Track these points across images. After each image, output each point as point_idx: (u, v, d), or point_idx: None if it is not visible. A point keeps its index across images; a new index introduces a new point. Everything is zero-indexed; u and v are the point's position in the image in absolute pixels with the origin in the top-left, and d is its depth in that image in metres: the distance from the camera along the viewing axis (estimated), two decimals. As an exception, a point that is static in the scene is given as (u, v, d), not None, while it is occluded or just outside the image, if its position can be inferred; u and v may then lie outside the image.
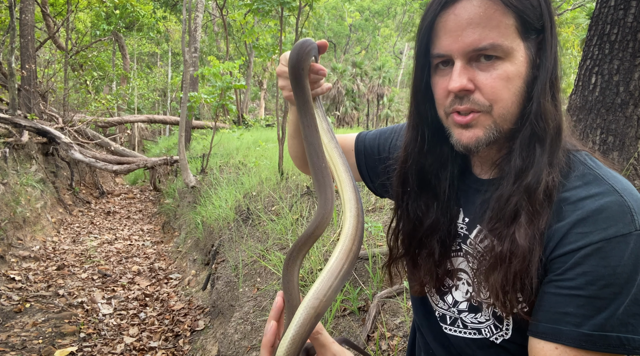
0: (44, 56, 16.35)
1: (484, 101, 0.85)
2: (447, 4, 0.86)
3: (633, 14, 3.00)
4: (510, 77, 0.85)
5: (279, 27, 6.48)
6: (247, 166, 6.95)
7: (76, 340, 3.87)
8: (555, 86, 0.89)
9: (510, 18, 0.84)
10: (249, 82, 21.04)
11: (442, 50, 0.87)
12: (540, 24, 0.86)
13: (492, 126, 0.87)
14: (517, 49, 0.85)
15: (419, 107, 0.99)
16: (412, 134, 1.02)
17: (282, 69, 1.00)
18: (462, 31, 0.83)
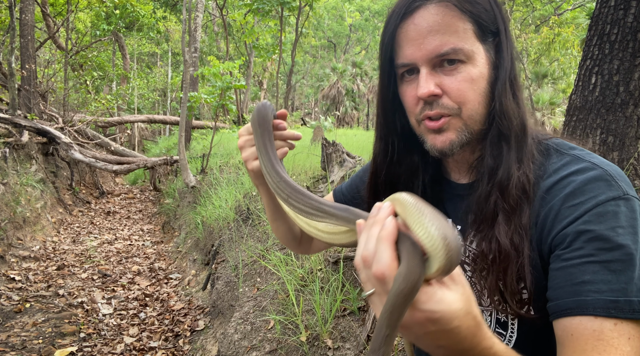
0: (44, 56, 16.36)
1: (452, 104, 0.88)
2: (406, 15, 0.90)
3: (633, 14, 3.00)
4: (474, 79, 0.88)
5: (279, 27, 6.48)
6: (247, 166, 6.94)
7: (76, 340, 3.87)
8: (515, 85, 0.92)
9: (467, 23, 0.88)
10: (249, 82, 21.04)
11: (406, 59, 0.90)
12: (495, 27, 0.91)
13: (463, 128, 0.90)
14: (477, 52, 0.88)
15: (387, 117, 1.02)
16: (381, 145, 1.04)
17: (244, 139, 1.01)
18: (423, 39, 0.87)
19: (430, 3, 0.88)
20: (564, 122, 3.41)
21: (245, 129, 1.01)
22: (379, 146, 1.05)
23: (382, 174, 1.04)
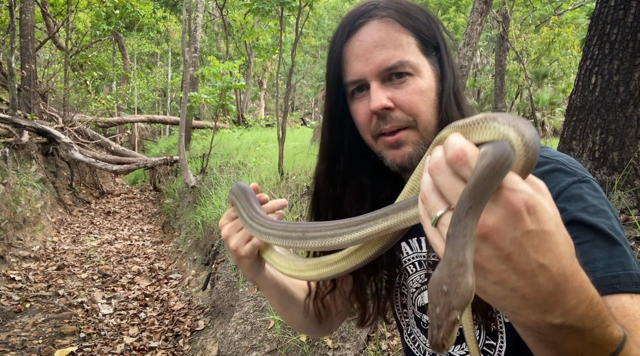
0: (44, 56, 16.36)
1: (405, 116, 0.90)
2: (351, 33, 0.92)
3: (633, 14, 3.00)
4: (423, 91, 0.90)
5: (279, 27, 6.48)
6: (247, 166, 6.95)
7: (76, 340, 3.87)
8: (459, 96, 0.95)
9: (410, 37, 0.91)
10: (249, 82, 21.04)
11: (355, 76, 0.91)
12: (436, 42, 0.94)
13: (420, 141, 0.91)
14: (422, 65, 0.91)
15: (334, 137, 1.02)
16: (324, 166, 1.03)
17: (228, 227, 0.98)
18: (370, 54, 0.89)
19: (372, 19, 0.91)
20: (564, 122, 3.41)
21: (226, 216, 0.99)
22: (322, 166, 1.04)
23: (324, 196, 1.03)
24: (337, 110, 0.99)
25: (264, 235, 0.85)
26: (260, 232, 0.86)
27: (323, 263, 0.84)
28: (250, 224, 0.89)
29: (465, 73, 7.39)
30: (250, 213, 0.91)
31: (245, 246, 0.94)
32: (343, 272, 0.82)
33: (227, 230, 0.98)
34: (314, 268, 0.85)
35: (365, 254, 0.78)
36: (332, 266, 0.82)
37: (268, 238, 0.84)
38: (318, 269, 0.85)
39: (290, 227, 0.81)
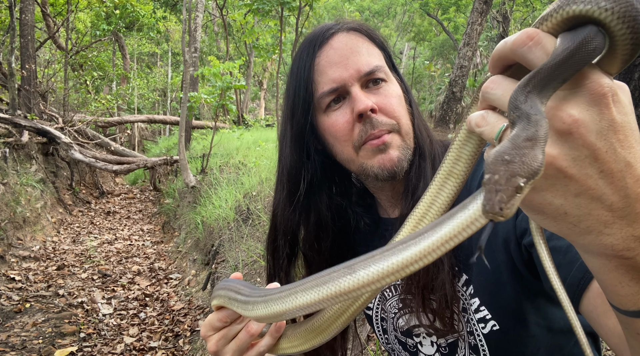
0: (44, 56, 16.35)
1: (389, 120, 0.90)
2: (321, 44, 0.92)
3: (633, 14, 3.00)
4: (399, 96, 0.93)
5: (279, 27, 6.48)
6: (247, 166, 6.94)
7: (76, 340, 3.87)
8: (417, 109, 0.98)
9: (376, 48, 0.94)
10: (249, 82, 21.05)
11: (334, 83, 0.89)
12: (392, 61, 0.98)
13: (404, 145, 0.91)
14: (391, 74, 0.95)
15: (298, 158, 0.96)
16: (285, 193, 0.98)
17: (216, 338, 0.81)
18: (347, 60, 0.89)
19: (341, 31, 0.92)
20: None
21: (209, 326, 0.80)
22: (282, 194, 0.99)
23: (282, 227, 0.99)
24: (304, 129, 0.93)
25: (296, 299, 0.58)
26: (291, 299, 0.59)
27: (346, 304, 0.74)
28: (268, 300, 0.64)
29: (465, 73, 7.39)
30: (253, 292, 0.70)
31: (248, 354, 0.80)
32: (361, 307, 0.74)
33: (214, 344, 0.80)
34: (338, 316, 0.75)
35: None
36: (356, 303, 0.73)
37: (303, 299, 0.57)
38: (342, 316, 0.75)
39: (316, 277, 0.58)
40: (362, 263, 0.52)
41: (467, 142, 0.55)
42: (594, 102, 0.39)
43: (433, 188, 0.62)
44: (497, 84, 0.44)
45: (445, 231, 0.46)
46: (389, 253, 0.50)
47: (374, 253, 0.52)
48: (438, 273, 0.85)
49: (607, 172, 0.40)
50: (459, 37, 21.75)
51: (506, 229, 0.79)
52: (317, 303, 0.55)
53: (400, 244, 0.50)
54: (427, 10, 22.89)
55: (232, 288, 0.75)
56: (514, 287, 0.83)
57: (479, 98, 0.49)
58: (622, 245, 0.41)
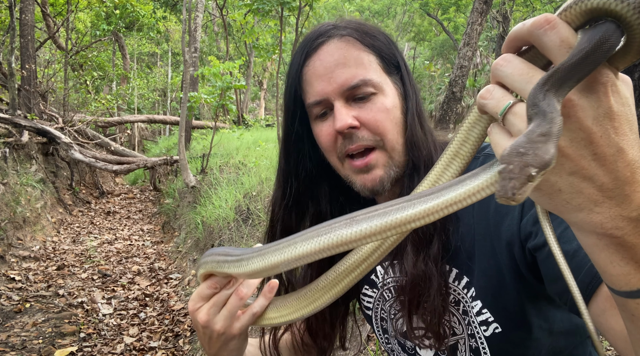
0: (44, 56, 16.35)
1: (372, 136, 0.88)
2: (310, 53, 0.90)
3: (633, 14, 3.00)
4: (388, 109, 0.89)
5: (279, 27, 6.48)
6: (247, 166, 6.94)
7: (76, 340, 3.87)
8: (422, 116, 0.93)
9: (371, 55, 0.90)
10: (249, 82, 21.04)
11: (318, 96, 0.89)
12: (396, 61, 0.93)
13: (390, 163, 0.89)
14: (385, 83, 0.90)
15: (289, 161, 0.99)
16: (281, 192, 1.01)
17: (206, 309, 0.81)
18: (331, 73, 0.87)
19: (332, 39, 0.89)
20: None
21: (197, 297, 0.81)
22: (279, 192, 1.01)
23: (277, 223, 1.01)
24: (293, 133, 0.96)
25: (295, 250, 0.60)
26: (288, 252, 0.61)
27: (342, 274, 0.75)
28: (261, 254, 0.66)
29: (465, 73, 7.39)
30: (245, 251, 0.71)
31: (242, 320, 0.80)
32: (354, 281, 0.75)
33: (205, 314, 0.79)
34: (335, 284, 0.76)
35: (381, 252, 0.72)
36: (350, 276, 0.74)
37: (307, 248, 0.59)
38: (336, 285, 0.75)
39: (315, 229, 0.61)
40: (364, 215, 0.55)
41: (476, 124, 0.57)
42: (593, 90, 0.42)
43: (438, 167, 0.63)
44: (508, 61, 0.46)
45: (452, 195, 0.51)
46: (393, 208, 0.54)
47: (377, 207, 0.55)
48: (429, 290, 0.84)
49: (600, 155, 0.43)
50: (459, 37, 21.74)
51: (510, 231, 0.79)
52: (316, 252, 0.58)
53: (405, 201, 0.53)
54: (427, 10, 22.89)
55: (219, 253, 0.76)
56: (516, 289, 0.82)
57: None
58: (611, 224, 0.44)
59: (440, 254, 0.84)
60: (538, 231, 0.73)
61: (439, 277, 0.84)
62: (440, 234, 0.85)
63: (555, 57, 0.43)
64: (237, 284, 0.80)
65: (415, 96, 0.93)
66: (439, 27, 25.51)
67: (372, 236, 0.54)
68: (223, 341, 0.82)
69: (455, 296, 0.90)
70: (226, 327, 0.80)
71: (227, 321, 0.80)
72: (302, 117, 0.95)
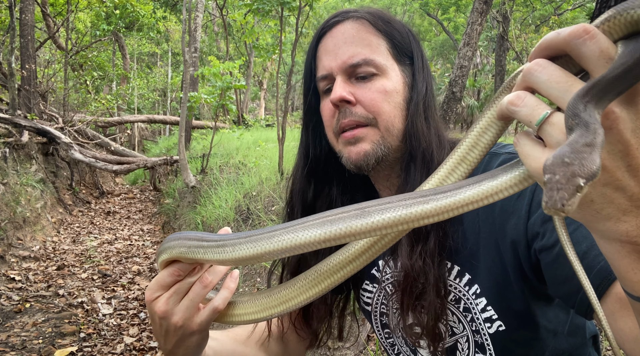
0: (44, 56, 16.35)
1: (366, 113, 0.90)
2: (325, 30, 0.95)
3: (633, 14, 3.00)
4: (388, 91, 0.90)
5: (279, 27, 6.48)
6: (247, 166, 6.95)
7: (76, 340, 3.87)
8: (429, 109, 0.94)
9: (381, 40, 0.92)
10: (249, 82, 21.04)
11: (324, 71, 0.93)
12: (410, 52, 0.95)
13: (380, 141, 0.90)
14: (391, 68, 0.92)
15: (308, 132, 1.03)
16: (301, 164, 1.04)
17: (166, 297, 0.74)
18: (338, 49, 0.91)
19: (347, 20, 0.93)
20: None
21: (157, 285, 0.74)
22: (299, 164, 1.04)
23: (297, 194, 1.03)
24: (310, 108, 1.00)
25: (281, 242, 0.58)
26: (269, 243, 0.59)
27: (324, 274, 0.70)
28: (236, 243, 0.63)
29: (465, 73, 7.38)
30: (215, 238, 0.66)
31: (202, 315, 0.74)
32: (334, 284, 0.71)
33: (164, 303, 0.73)
34: (314, 285, 0.71)
35: (369, 255, 0.69)
36: (334, 276, 0.70)
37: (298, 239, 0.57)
38: (318, 285, 0.71)
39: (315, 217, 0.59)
40: (376, 207, 0.54)
41: (488, 130, 0.56)
42: (633, 102, 0.42)
43: (443, 171, 0.62)
44: (543, 67, 0.45)
45: (470, 193, 0.51)
46: (407, 202, 0.53)
47: (388, 200, 0.54)
48: (424, 286, 0.84)
49: (634, 167, 0.43)
50: (459, 37, 21.75)
51: (516, 230, 0.79)
52: (317, 242, 0.56)
53: (419, 196, 0.53)
54: (427, 10, 22.89)
55: (190, 237, 0.69)
56: (520, 288, 0.82)
57: (511, 85, 0.51)
58: (636, 232, 0.45)
59: (437, 250, 0.84)
60: (545, 232, 0.73)
61: (436, 272, 0.84)
62: (438, 231, 0.85)
63: (593, 68, 0.43)
64: (202, 271, 0.74)
65: (426, 90, 0.94)
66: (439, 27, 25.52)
67: (382, 229, 0.53)
68: (180, 337, 0.75)
69: (456, 294, 0.90)
70: (185, 319, 0.73)
71: (187, 313, 0.73)
72: (314, 92, 0.99)
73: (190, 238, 0.69)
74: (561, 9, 21.04)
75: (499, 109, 0.49)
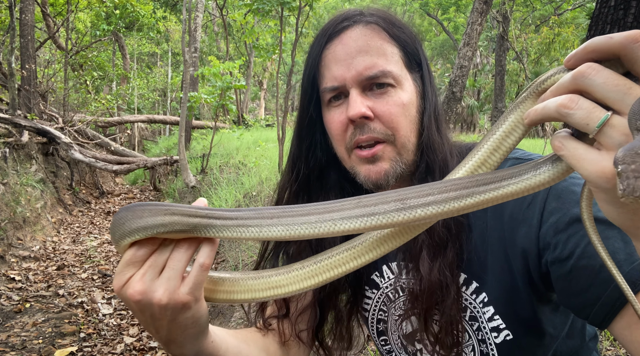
0: (44, 56, 16.35)
1: (384, 129, 0.85)
2: (333, 36, 0.87)
3: (633, 14, 3.00)
4: (405, 104, 0.86)
5: (279, 27, 6.49)
6: (247, 166, 6.95)
7: (76, 340, 3.87)
8: (439, 119, 0.90)
9: (395, 47, 0.87)
10: (249, 82, 21.04)
11: (335, 81, 0.86)
12: (419, 58, 0.90)
13: (397, 158, 0.86)
14: (405, 78, 0.87)
15: (302, 146, 0.96)
16: (288, 178, 0.98)
17: (146, 267, 0.62)
18: (352, 59, 0.84)
19: (357, 24, 0.86)
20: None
21: (129, 264, 0.61)
22: (287, 178, 0.98)
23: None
24: (307, 118, 0.93)
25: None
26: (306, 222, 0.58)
27: (324, 268, 0.66)
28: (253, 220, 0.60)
29: (465, 73, 7.38)
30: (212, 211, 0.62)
31: (188, 280, 0.62)
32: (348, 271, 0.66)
33: (139, 281, 0.60)
34: (310, 277, 0.66)
35: (389, 244, 0.64)
36: (334, 271, 0.66)
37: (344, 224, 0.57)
38: (315, 277, 0.66)
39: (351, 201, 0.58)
40: (416, 200, 0.55)
41: (512, 132, 0.55)
42: None
43: (462, 174, 0.62)
44: (597, 71, 0.45)
45: (515, 187, 0.53)
46: (450, 195, 0.54)
47: (427, 189, 0.55)
48: (444, 300, 0.82)
49: None
50: (459, 37, 21.75)
51: (527, 239, 0.77)
52: (353, 231, 0.56)
53: (462, 188, 0.55)
54: (427, 10, 22.90)
55: (173, 212, 0.60)
56: (529, 296, 0.81)
57: (538, 90, 0.52)
58: None
59: (456, 263, 0.83)
60: (558, 243, 0.71)
61: (455, 286, 0.82)
62: (455, 242, 0.82)
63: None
64: (174, 243, 0.63)
65: (435, 98, 0.91)
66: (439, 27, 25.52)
67: (423, 220, 0.54)
68: (171, 317, 0.62)
69: (463, 303, 0.88)
70: (170, 293, 0.60)
71: (170, 284, 0.60)
72: (317, 102, 0.92)
73: (182, 213, 0.60)
74: (561, 9, 21.03)
75: (533, 114, 0.50)
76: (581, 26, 18.78)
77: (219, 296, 0.68)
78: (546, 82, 0.52)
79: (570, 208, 0.71)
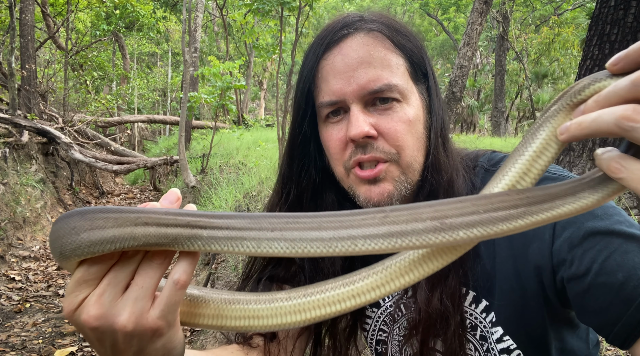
0: (44, 56, 16.35)
1: (389, 148, 0.77)
2: (331, 45, 0.79)
3: (633, 14, 3.00)
4: (411, 121, 0.78)
5: (279, 27, 6.49)
6: (247, 166, 6.95)
7: (76, 340, 3.87)
8: (445, 136, 0.83)
9: (400, 58, 0.79)
10: (249, 82, 21.04)
11: (334, 96, 0.77)
12: (424, 69, 0.82)
13: (402, 178, 0.78)
14: (411, 91, 0.79)
15: (292, 164, 0.87)
16: (278, 198, 0.89)
17: (103, 288, 0.48)
18: (353, 72, 0.76)
19: (358, 32, 0.78)
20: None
21: (80, 283, 0.47)
22: (276, 198, 0.90)
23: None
24: (300, 136, 0.84)
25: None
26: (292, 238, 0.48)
27: (340, 297, 0.52)
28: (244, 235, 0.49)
29: (465, 73, 7.39)
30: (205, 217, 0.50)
31: (158, 303, 0.48)
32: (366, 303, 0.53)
33: (96, 304, 0.47)
34: (321, 306, 0.52)
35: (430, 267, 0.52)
36: (350, 301, 0.51)
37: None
38: (326, 307, 0.52)
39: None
40: (458, 219, 0.46)
41: (545, 151, 0.48)
42: None
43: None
44: None
45: (568, 207, 0.46)
46: (496, 216, 0.47)
47: (468, 208, 0.47)
48: (445, 332, 0.77)
49: None
50: (459, 37, 21.75)
51: (540, 255, 0.72)
52: (381, 251, 0.47)
53: (506, 209, 0.47)
54: (427, 10, 22.91)
55: (146, 221, 0.47)
56: (541, 314, 0.77)
57: (574, 101, 0.46)
58: None
59: (459, 291, 0.77)
60: (574, 259, 0.67)
61: (457, 316, 0.77)
62: (458, 270, 0.77)
63: None
64: (138, 258, 0.50)
65: (442, 112, 0.84)
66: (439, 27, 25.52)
67: (462, 243, 0.46)
68: (138, 347, 0.49)
69: (472, 321, 0.83)
70: (137, 317, 0.47)
71: (137, 306, 0.47)
72: (312, 117, 0.83)
73: (148, 222, 0.47)
74: (561, 9, 21.04)
75: (575, 128, 0.44)
76: (581, 26, 18.78)
77: (203, 322, 0.54)
78: (584, 91, 0.45)
79: (584, 222, 0.67)
